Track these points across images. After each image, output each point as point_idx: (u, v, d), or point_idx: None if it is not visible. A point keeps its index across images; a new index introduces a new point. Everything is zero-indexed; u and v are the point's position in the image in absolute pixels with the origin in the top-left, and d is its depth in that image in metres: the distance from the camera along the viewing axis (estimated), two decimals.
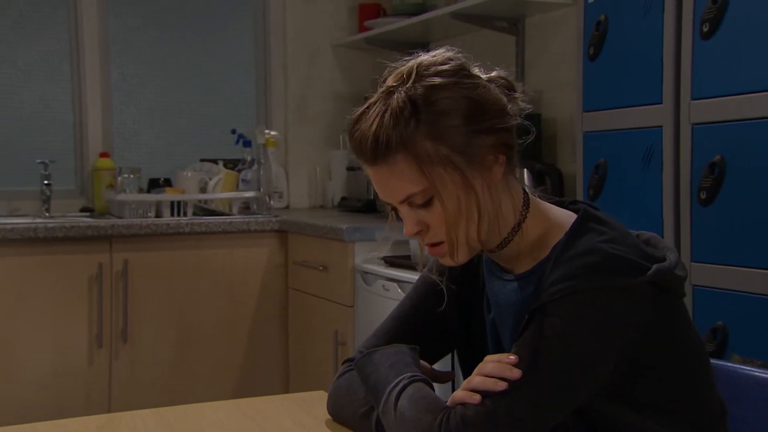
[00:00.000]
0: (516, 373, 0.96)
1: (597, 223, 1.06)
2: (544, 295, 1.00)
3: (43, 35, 3.33)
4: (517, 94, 1.12)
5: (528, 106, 1.12)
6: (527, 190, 1.14)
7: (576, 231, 1.05)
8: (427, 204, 1.06)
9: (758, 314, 1.57)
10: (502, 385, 0.97)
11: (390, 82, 1.07)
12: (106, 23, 3.38)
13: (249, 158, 3.34)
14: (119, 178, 3.13)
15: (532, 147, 2.75)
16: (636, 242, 1.06)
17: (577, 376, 0.99)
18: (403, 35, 3.31)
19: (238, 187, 3.28)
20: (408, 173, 1.04)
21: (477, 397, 0.97)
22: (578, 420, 1.04)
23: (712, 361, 1.13)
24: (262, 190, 3.22)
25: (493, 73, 1.11)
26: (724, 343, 1.63)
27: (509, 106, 1.09)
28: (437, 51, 1.10)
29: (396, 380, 1.06)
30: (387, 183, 1.06)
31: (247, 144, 3.38)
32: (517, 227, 1.10)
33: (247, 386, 2.93)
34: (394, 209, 1.10)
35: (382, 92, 1.06)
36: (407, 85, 1.04)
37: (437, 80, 1.05)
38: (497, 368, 0.98)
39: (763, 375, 1.22)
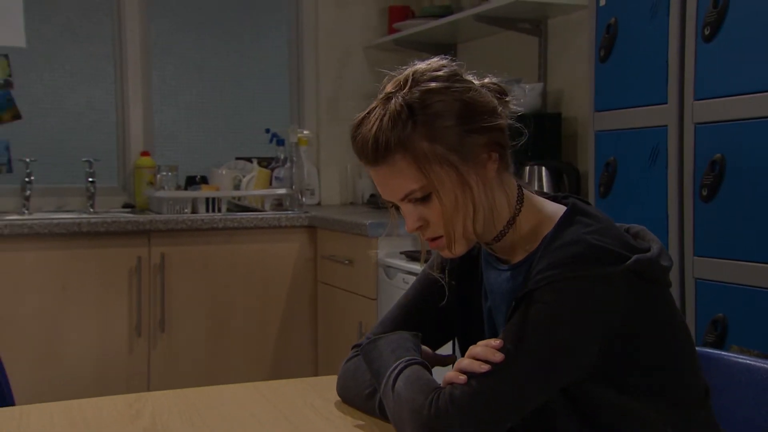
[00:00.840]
0: (499, 357, 1.03)
1: (584, 216, 1.12)
2: (530, 283, 1.06)
3: (89, 40, 3.48)
4: (508, 98, 1.19)
5: (519, 108, 1.20)
6: (522, 186, 1.22)
7: (563, 223, 1.12)
8: (426, 200, 1.12)
9: (757, 306, 1.62)
10: (485, 367, 1.03)
11: (388, 88, 1.14)
12: (148, 28, 3.52)
13: (282, 156, 3.45)
14: (158, 176, 3.26)
15: (551, 145, 2.79)
16: (619, 234, 1.12)
17: (557, 359, 1.04)
18: (430, 36, 3.40)
19: (271, 184, 3.40)
20: (407, 172, 1.11)
21: (463, 378, 1.04)
22: (565, 400, 1.10)
23: (710, 350, 1.19)
24: (294, 187, 3.33)
25: (486, 79, 1.18)
26: (724, 334, 1.68)
27: (500, 108, 1.16)
28: (432, 59, 1.17)
29: (395, 364, 1.14)
30: (388, 182, 1.13)
31: (281, 143, 3.49)
32: (512, 221, 1.17)
33: (278, 374, 3.03)
34: (397, 208, 1.17)
35: (381, 98, 1.13)
36: (404, 91, 1.11)
37: (432, 85, 1.12)
38: (483, 351, 1.04)
39: (755, 363, 1.27)
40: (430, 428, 1.03)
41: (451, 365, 1.35)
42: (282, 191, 3.30)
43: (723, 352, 1.36)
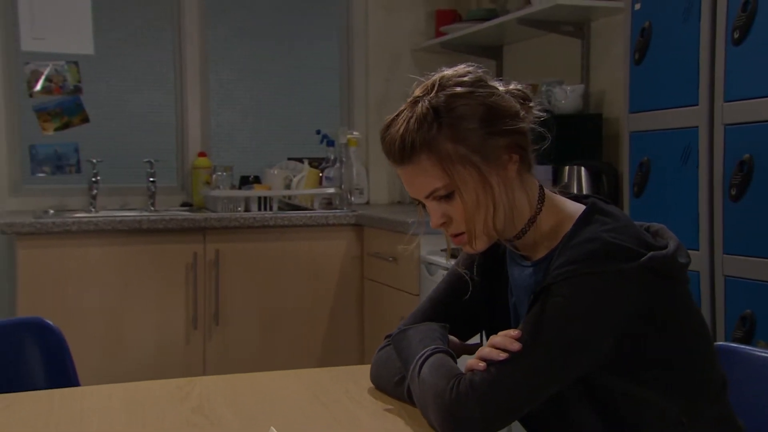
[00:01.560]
0: (516, 346, 1.09)
1: (602, 215, 1.18)
2: (549, 278, 1.12)
3: (152, 47, 3.65)
4: (531, 104, 1.25)
5: (542, 114, 1.26)
6: (543, 186, 1.27)
7: (582, 222, 1.17)
8: (449, 198, 1.19)
9: None
10: (503, 355, 1.09)
11: (417, 93, 1.21)
12: (206, 34, 3.68)
13: (332, 157, 3.56)
14: (214, 176, 3.41)
15: (592, 145, 2.83)
16: (637, 232, 1.16)
17: (571, 350, 1.10)
18: (476, 39, 3.46)
19: (321, 183, 3.52)
20: (431, 171, 1.18)
21: (483, 365, 1.10)
22: (581, 390, 1.15)
23: (736, 345, 1.21)
24: (343, 186, 3.44)
25: (511, 86, 1.25)
26: (752, 330, 1.71)
27: (522, 113, 1.23)
28: (459, 66, 1.24)
29: (422, 352, 1.21)
30: (413, 181, 1.21)
31: (331, 143, 3.60)
32: (533, 219, 1.22)
33: (326, 365, 3.06)
34: (423, 205, 1.24)
35: (410, 102, 1.21)
36: (431, 95, 1.19)
37: (457, 90, 1.18)
38: (502, 341, 1.11)
39: None
40: (450, 411, 1.10)
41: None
42: (330, 190, 3.41)
43: (749, 347, 1.39)
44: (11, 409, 1.24)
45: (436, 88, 1.19)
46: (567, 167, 2.58)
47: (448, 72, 1.22)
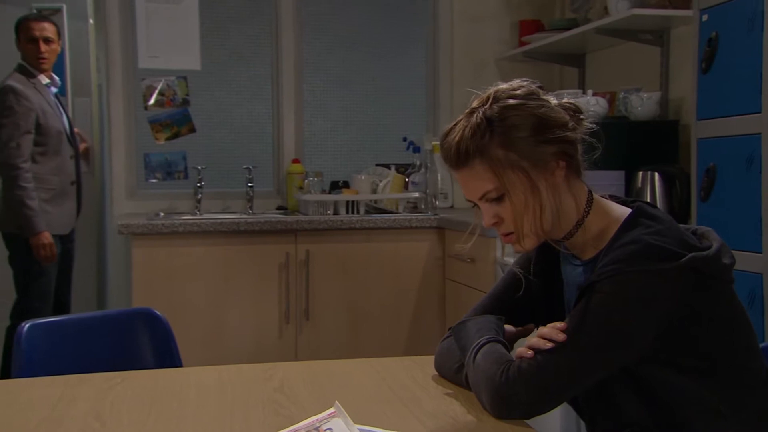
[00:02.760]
0: (561, 336, 1.19)
1: (647, 218, 1.26)
2: (594, 276, 1.22)
3: (252, 62, 3.91)
4: (582, 116, 1.35)
5: (592, 126, 1.35)
6: (592, 191, 1.35)
7: (627, 225, 1.26)
8: (500, 200, 1.29)
9: None
10: (549, 345, 1.20)
11: (474, 104, 1.33)
12: (301, 49, 3.92)
13: (418, 163, 3.71)
14: (306, 181, 3.62)
15: (668, 151, 2.88)
16: (680, 234, 1.24)
17: (612, 342, 1.19)
18: (559, 48, 3.54)
19: (407, 188, 3.67)
20: (483, 175, 1.27)
21: (530, 353, 1.22)
22: (627, 378, 1.24)
23: None
24: (428, 191, 3.59)
25: (564, 99, 1.36)
26: None
27: (571, 123, 1.32)
28: (514, 81, 1.35)
29: (478, 340, 1.32)
30: (468, 184, 1.32)
31: (417, 150, 3.75)
32: (580, 222, 1.32)
33: None
34: (477, 207, 1.35)
35: (467, 113, 1.33)
36: (486, 107, 1.30)
37: (510, 102, 1.29)
38: (549, 332, 1.22)
39: None
40: (500, 394, 1.21)
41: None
42: (415, 195, 3.56)
43: None
44: (124, 384, 1.45)
45: (491, 101, 1.30)
46: (641, 172, 2.64)
47: (503, 86, 1.33)
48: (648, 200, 2.43)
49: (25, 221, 3.15)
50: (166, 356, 1.90)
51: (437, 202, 3.63)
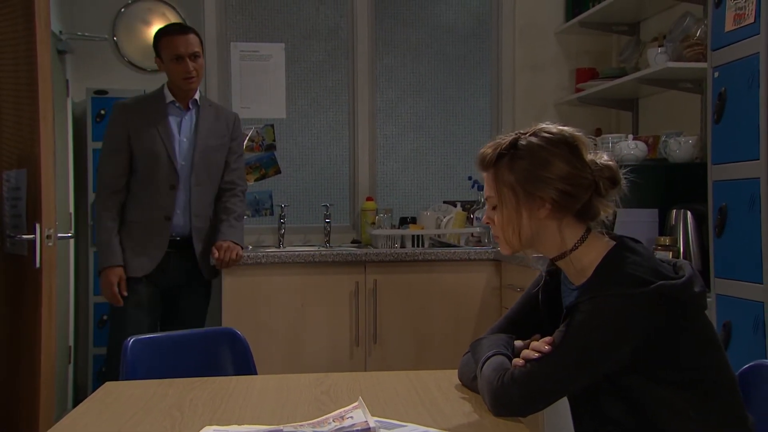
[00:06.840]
0: (547, 349, 1.44)
1: (627, 252, 1.49)
2: (577, 299, 1.47)
3: (331, 110, 4.28)
4: (616, 188, 1.51)
5: (622, 192, 1.52)
6: (592, 230, 1.56)
7: (610, 257, 1.50)
8: (494, 207, 1.56)
9: None
10: (536, 355, 1.43)
11: (521, 131, 1.55)
12: (375, 97, 4.28)
13: (482, 200, 3.97)
14: (378, 217, 3.95)
15: (701, 191, 3.11)
16: (654, 265, 1.45)
17: (589, 354, 1.42)
18: (611, 94, 3.76)
19: (472, 223, 3.95)
20: (490, 184, 1.55)
21: (521, 362, 1.47)
22: (610, 386, 1.47)
23: None
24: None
25: (603, 161, 1.51)
26: None
27: (587, 181, 1.49)
28: (564, 126, 1.54)
29: (487, 353, 1.59)
30: (484, 186, 1.59)
31: (480, 188, 3.99)
32: (569, 252, 1.53)
33: None
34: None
35: (510, 137, 1.55)
36: (522, 134, 1.53)
37: (537, 139, 1.51)
38: (538, 345, 1.47)
39: None
40: (496, 396, 1.47)
41: None
42: (477, 230, 3.83)
43: None
44: (203, 386, 1.79)
45: (529, 133, 1.54)
46: (674, 211, 2.84)
47: (549, 126, 1.54)
48: (681, 237, 2.67)
49: None
50: (244, 369, 2.23)
51: None
